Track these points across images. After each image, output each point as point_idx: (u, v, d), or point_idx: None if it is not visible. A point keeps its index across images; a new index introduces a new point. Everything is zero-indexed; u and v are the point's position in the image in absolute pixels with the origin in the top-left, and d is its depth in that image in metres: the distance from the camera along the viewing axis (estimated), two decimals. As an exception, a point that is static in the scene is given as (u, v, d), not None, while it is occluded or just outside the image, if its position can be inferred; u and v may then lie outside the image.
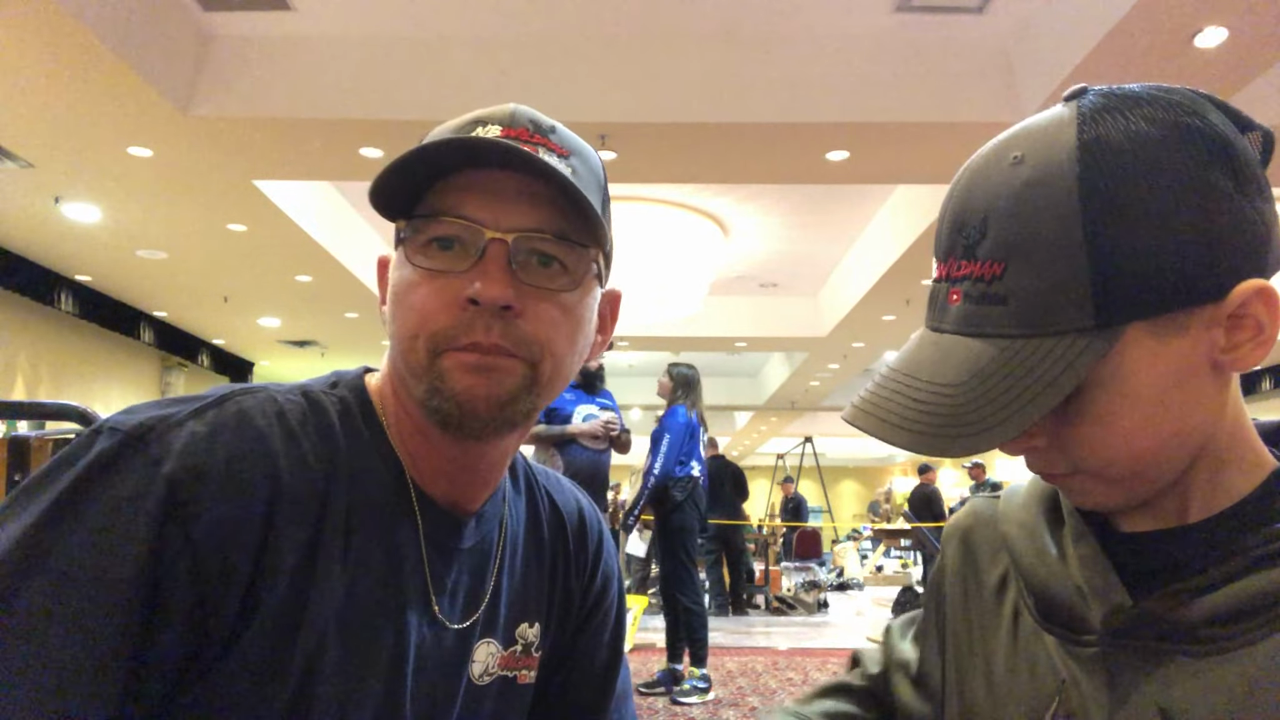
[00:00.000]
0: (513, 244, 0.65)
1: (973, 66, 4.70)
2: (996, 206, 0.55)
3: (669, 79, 4.75)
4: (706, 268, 8.17)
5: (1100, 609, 0.59)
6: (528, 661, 0.79)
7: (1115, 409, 0.54)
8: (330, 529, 0.64)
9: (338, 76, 4.69)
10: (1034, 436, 0.57)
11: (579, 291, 0.69)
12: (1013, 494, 0.73)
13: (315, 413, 0.67)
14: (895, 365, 0.59)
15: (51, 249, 7.26)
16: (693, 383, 4.74)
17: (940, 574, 0.78)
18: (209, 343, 10.98)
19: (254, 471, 0.60)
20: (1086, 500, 0.60)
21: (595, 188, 0.70)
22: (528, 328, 0.65)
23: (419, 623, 0.69)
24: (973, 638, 0.71)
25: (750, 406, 15.51)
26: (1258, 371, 11.48)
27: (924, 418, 0.54)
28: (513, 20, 4.62)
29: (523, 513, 0.82)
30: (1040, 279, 0.53)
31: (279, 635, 0.60)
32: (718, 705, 4.35)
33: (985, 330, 0.55)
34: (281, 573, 0.60)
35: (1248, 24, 3.70)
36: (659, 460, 4.47)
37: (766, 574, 9.68)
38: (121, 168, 5.35)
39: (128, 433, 0.58)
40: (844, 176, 5.53)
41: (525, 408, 0.67)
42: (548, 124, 0.69)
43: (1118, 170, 0.52)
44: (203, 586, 0.57)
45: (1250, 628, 0.54)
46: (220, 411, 0.62)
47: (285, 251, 7.02)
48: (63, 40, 3.91)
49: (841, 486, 26.03)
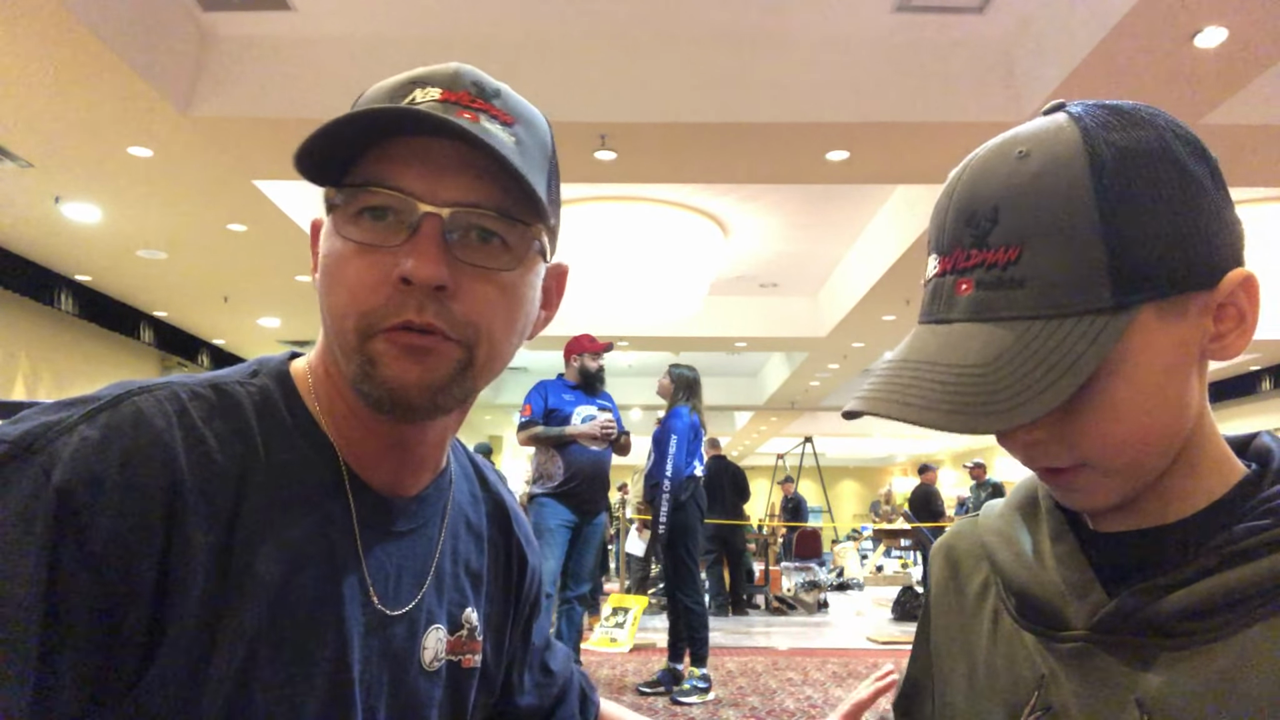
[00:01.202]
0: (448, 219, 0.60)
1: (973, 66, 4.70)
2: (1007, 196, 0.56)
3: (669, 79, 4.75)
4: (706, 268, 8.17)
5: (1078, 605, 0.61)
6: (473, 645, 0.77)
7: (1121, 395, 0.55)
8: (248, 525, 0.60)
9: (338, 76, 4.69)
10: (1036, 429, 0.57)
11: (520, 270, 0.64)
12: (991, 507, 0.76)
13: (225, 406, 0.63)
14: (903, 356, 0.59)
15: (51, 249, 7.25)
16: (694, 384, 4.74)
17: (927, 594, 0.80)
18: (209, 343, 10.98)
19: (152, 475, 0.56)
20: (1081, 498, 0.61)
21: (541, 158, 0.66)
22: (462, 309, 0.61)
23: (360, 613, 0.66)
24: (954, 645, 0.72)
25: (750, 406, 15.50)
26: (1257, 372, 11.48)
27: (953, 398, 0.54)
28: (513, 20, 4.62)
29: (466, 496, 0.80)
30: (1057, 261, 0.54)
31: (199, 644, 0.56)
32: (718, 705, 4.35)
33: (1001, 315, 0.55)
34: (192, 579, 0.56)
35: (1248, 24, 3.70)
36: (669, 463, 4.48)
37: (766, 574, 9.68)
38: (121, 168, 5.35)
39: (12, 443, 0.54)
40: (844, 176, 5.52)
41: (459, 393, 0.64)
42: (493, 87, 0.65)
43: (1123, 160, 0.54)
44: (107, 601, 0.53)
45: (1223, 622, 0.55)
46: (114, 413, 0.58)
47: (285, 251, 7.02)
48: (63, 40, 3.91)
49: (841, 486, 26.02)
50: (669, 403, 4.72)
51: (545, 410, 4.34)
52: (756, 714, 4.16)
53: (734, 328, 10.10)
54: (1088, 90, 4.20)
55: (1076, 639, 0.61)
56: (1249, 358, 10.89)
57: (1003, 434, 0.59)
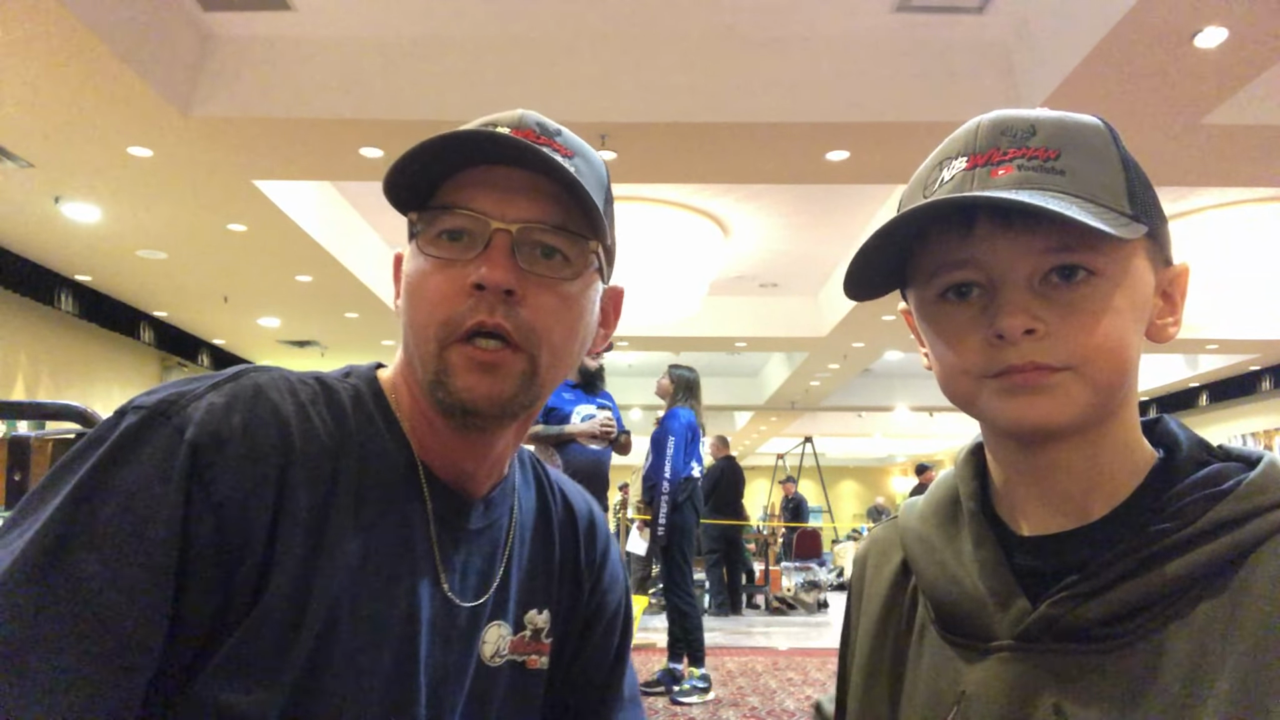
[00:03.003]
0: (516, 233, 0.68)
1: (973, 66, 4.70)
2: (1042, 120, 0.62)
3: (669, 79, 4.75)
4: (706, 268, 8.16)
5: (1001, 615, 0.62)
6: (538, 647, 0.81)
7: (1115, 305, 0.59)
8: (342, 497, 0.66)
9: (338, 76, 4.69)
10: (1039, 321, 0.59)
11: (579, 282, 0.72)
12: (909, 509, 0.75)
13: (327, 393, 0.71)
14: (972, 199, 0.59)
15: (51, 249, 7.25)
16: (693, 385, 4.74)
17: (851, 605, 0.80)
18: (209, 343, 10.97)
19: (269, 437, 0.64)
20: (1048, 406, 0.59)
21: (598, 186, 0.73)
22: (527, 314, 0.68)
23: (430, 597, 0.71)
24: (880, 661, 0.72)
25: (750, 406, 15.49)
26: (1257, 372, 11.47)
27: (1073, 207, 0.56)
28: (513, 20, 4.62)
29: (533, 504, 0.85)
30: (1091, 167, 0.60)
31: (295, 594, 0.62)
32: (718, 705, 4.34)
33: (1047, 188, 0.58)
34: (297, 532, 0.63)
35: (1248, 24, 3.69)
36: (667, 464, 4.47)
37: (766, 574, 9.67)
38: (121, 168, 5.34)
39: (151, 409, 0.62)
40: (844, 176, 5.52)
41: (526, 401, 0.70)
42: (554, 127, 0.73)
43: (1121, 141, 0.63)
44: (226, 544, 0.60)
45: (1136, 625, 0.57)
46: (236, 385, 0.66)
47: (285, 251, 7.02)
48: (63, 40, 3.91)
49: (841, 486, 26.02)
50: (668, 403, 4.72)
51: (545, 409, 4.33)
52: (756, 714, 4.16)
53: (734, 328, 10.09)
54: (1088, 90, 4.19)
55: (1001, 649, 0.61)
56: (1249, 358, 10.88)
57: (1015, 322, 0.58)
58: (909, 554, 0.71)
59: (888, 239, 0.63)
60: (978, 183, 0.60)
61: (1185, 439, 0.65)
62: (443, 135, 0.66)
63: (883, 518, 4.98)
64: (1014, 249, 0.59)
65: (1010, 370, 0.59)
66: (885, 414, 16.13)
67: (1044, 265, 0.59)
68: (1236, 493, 0.58)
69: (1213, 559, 0.56)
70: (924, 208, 0.60)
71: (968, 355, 0.61)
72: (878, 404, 14.96)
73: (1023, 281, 0.59)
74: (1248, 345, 10.02)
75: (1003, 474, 0.68)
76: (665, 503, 4.49)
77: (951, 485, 0.72)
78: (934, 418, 16.13)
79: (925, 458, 22.12)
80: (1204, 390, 12.52)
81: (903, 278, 0.68)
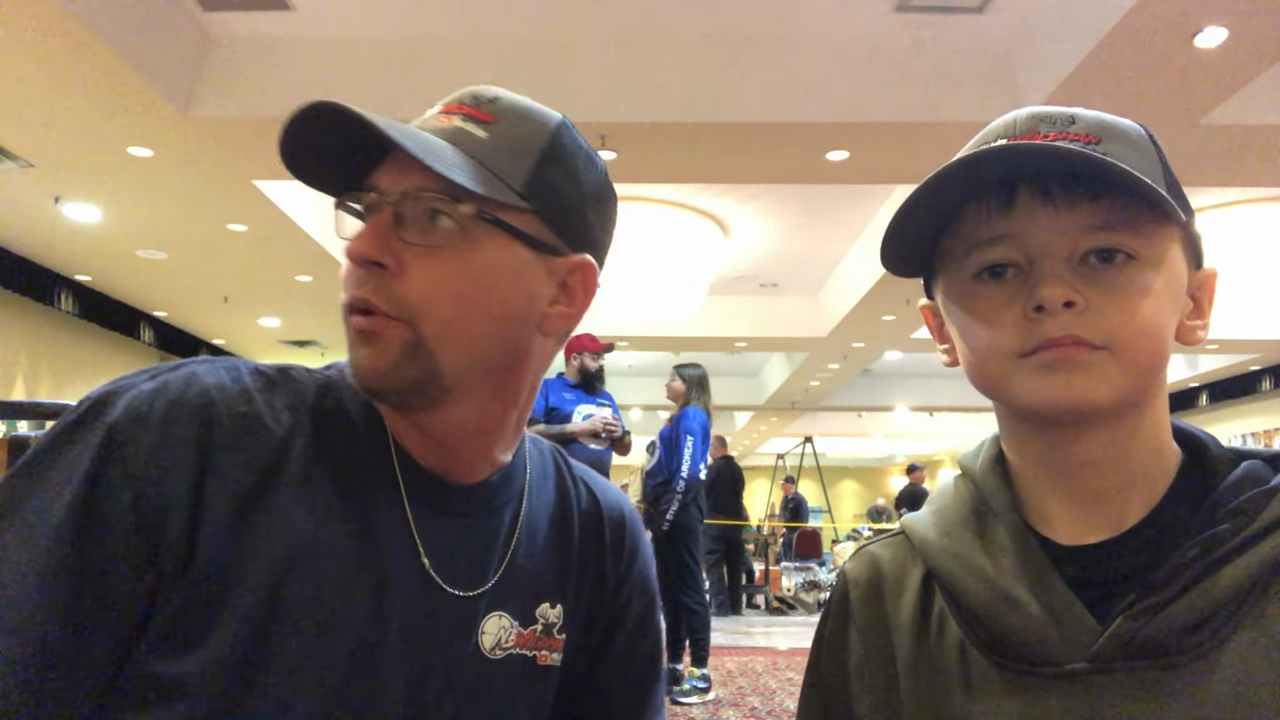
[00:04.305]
0: (398, 203, 0.65)
1: (973, 66, 4.70)
2: (1080, 114, 0.61)
3: (669, 79, 4.75)
4: (706, 268, 8.16)
5: (1064, 635, 0.58)
6: (550, 643, 0.77)
7: (1156, 290, 0.58)
8: (286, 479, 0.65)
9: (338, 76, 4.69)
10: (1079, 295, 0.57)
11: (472, 248, 0.66)
12: (919, 524, 0.69)
13: (285, 382, 0.70)
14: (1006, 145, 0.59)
15: (51, 249, 7.25)
16: (704, 381, 4.76)
17: (841, 638, 0.71)
18: (209, 343, 10.98)
19: (191, 411, 0.63)
20: (1082, 383, 0.57)
21: (521, 149, 0.68)
22: (401, 286, 0.64)
23: (406, 580, 0.68)
24: (919, 697, 0.64)
25: (750, 406, 15.49)
26: (1257, 372, 11.47)
27: (1128, 171, 0.56)
28: (512, 20, 4.62)
29: (550, 495, 0.82)
30: (1131, 154, 0.59)
31: (222, 563, 0.61)
32: (718, 705, 4.35)
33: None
34: (222, 501, 0.62)
35: (1248, 24, 3.69)
36: (685, 463, 4.47)
37: (766, 574, 9.67)
38: (121, 168, 5.34)
39: (95, 399, 0.63)
40: (844, 176, 5.52)
41: (415, 373, 0.65)
42: (490, 94, 0.71)
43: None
44: (147, 518, 0.60)
45: (1212, 633, 0.55)
46: (173, 374, 0.65)
47: (285, 251, 7.02)
48: (63, 40, 3.91)
49: (841, 486, 26.01)
50: (681, 403, 4.70)
51: (546, 409, 4.35)
52: (756, 714, 4.16)
53: (734, 328, 10.09)
54: (1088, 90, 4.20)
55: (1074, 673, 0.57)
56: (1249, 358, 10.88)
57: (1057, 292, 0.57)
58: (944, 574, 0.65)
59: (938, 192, 0.60)
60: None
61: (1208, 438, 0.64)
62: (305, 106, 0.68)
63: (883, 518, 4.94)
64: (1055, 224, 0.58)
65: (1049, 344, 0.57)
66: (885, 414, 16.13)
67: (1084, 244, 0.58)
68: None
69: (1276, 555, 0.56)
70: (975, 155, 0.57)
71: (1003, 333, 0.59)
72: (878, 404, 14.95)
73: (1063, 257, 0.58)
74: (1248, 345, 10.02)
75: (1030, 477, 0.65)
76: (677, 500, 4.48)
77: (970, 497, 0.68)
78: (934, 418, 16.12)
79: (925, 458, 22.13)
80: (1204, 390, 12.52)
81: (930, 269, 0.67)
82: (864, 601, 0.70)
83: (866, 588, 0.71)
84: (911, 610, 0.67)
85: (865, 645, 0.69)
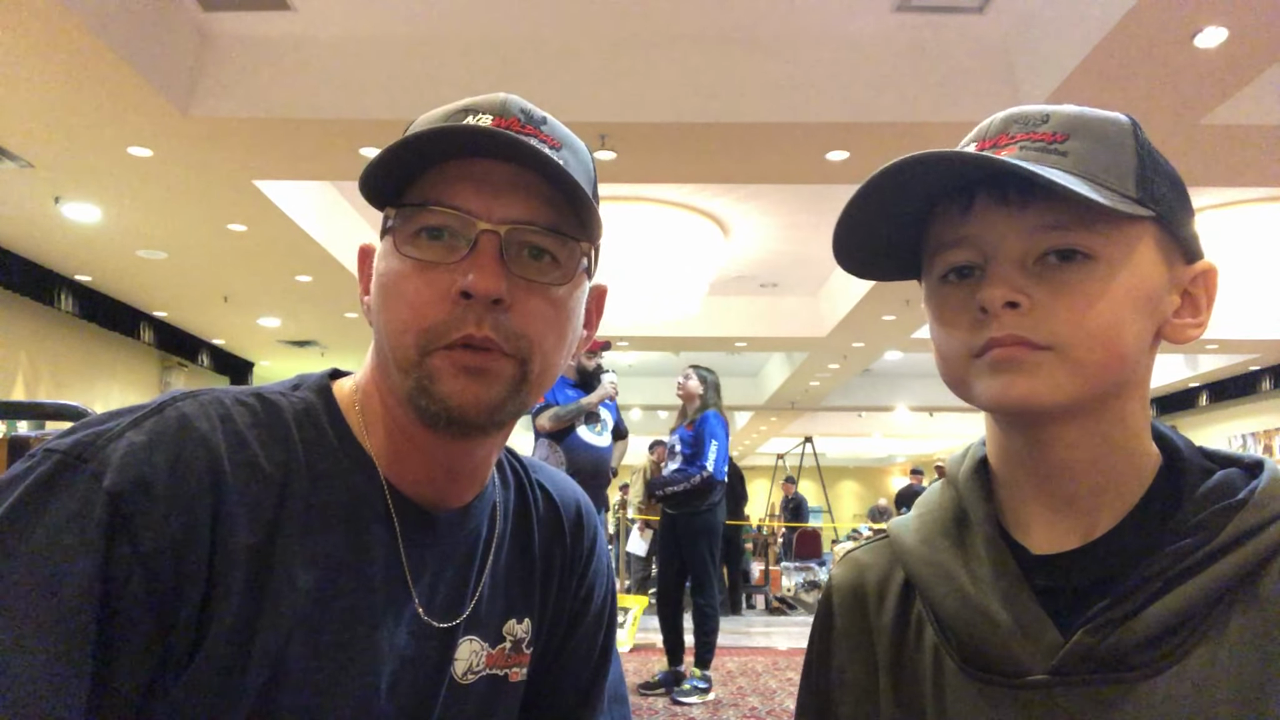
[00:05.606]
0: (505, 235, 0.63)
1: (973, 66, 4.70)
2: (1059, 111, 0.61)
3: (669, 79, 4.75)
4: (706, 268, 8.16)
5: (1030, 646, 0.58)
6: (518, 659, 0.76)
7: (1112, 288, 0.57)
8: (289, 530, 0.62)
9: (338, 76, 4.69)
10: (1024, 295, 0.57)
11: (569, 286, 0.67)
12: (902, 529, 0.70)
13: (269, 414, 0.66)
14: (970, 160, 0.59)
15: (51, 249, 7.25)
16: (719, 387, 4.79)
17: (829, 642, 0.73)
18: (209, 343, 10.97)
19: (198, 477, 0.58)
20: (1027, 385, 0.58)
21: (586, 180, 0.68)
22: (517, 322, 0.63)
23: (397, 624, 0.67)
24: (896, 700, 0.66)
25: (750, 406, 15.49)
26: (1257, 372, 11.46)
27: (1070, 176, 0.56)
28: (512, 20, 4.62)
29: (511, 507, 0.80)
30: (1098, 153, 0.59)
31: (237, 638, 0.58)
32: (718, 705, 4.35)
33: (1043, 165, 0.58)
34: (236, 575, 0.59)
35: (1248, 24, 3.69)
36: (710, 462, 4.49)
37: (766, 574, 9.67)
38: (121, 168, 5.34)
39: (64, 453, 0.56)
40: (844, 176, 5.52)
41: (514, 408, 0.66)
42: (539, 115, 0.68)
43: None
44: (160, 599, 0.55)
45: (1174, 647, 0.55)
46: (160, 419, 0.60)
47: (285, 251, 7.02)
48: (63, 40, 3.91)
49: (841, 486, 26.01)
50: (699, 405, 4.70)
51: (547, 403, 4.39)
52: (756, 714, 4.16)
53: (734, 328, 10.09)
54: (1088, 90, 4.19)
55: (1036, 684, 0.58)
56: (1249, 358, 10.87)
57: (997, 293, 0.57)
58: (920, 582, 0.66)
59: (873, 199, 0.61)
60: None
61: (1182, 444, 0.63)
62: (428, 130, 0.62)
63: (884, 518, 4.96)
64: (1010, 225, 0.58)
65: (992, 344, 0.58)
66: (885, 414, 16.13)
67: (1039, 244, 0.58)
68: (1253, 501, 0.57)
69: (1237, 571, 0.56)
70: (902, 162, 0.58)
71: (960, 334, 0.60)
72: (878, 404, 14.96)
73: (1015, 258, 0.58)
74: (1248, 345, 10.02)
75: (1009, 480, 0.65)
76: (687, 487, 4.48)
77: (951, 504, 0.68)
78: (934, 418, 16.12)
79: (925, 458, 22.12)
80: (1204, 390, 12.51)
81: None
82: (846, 608, 0.72)
83: (849, 594, 0.72)
84: (893, 614, 0.68)
85: (848, 650, 0.71)
